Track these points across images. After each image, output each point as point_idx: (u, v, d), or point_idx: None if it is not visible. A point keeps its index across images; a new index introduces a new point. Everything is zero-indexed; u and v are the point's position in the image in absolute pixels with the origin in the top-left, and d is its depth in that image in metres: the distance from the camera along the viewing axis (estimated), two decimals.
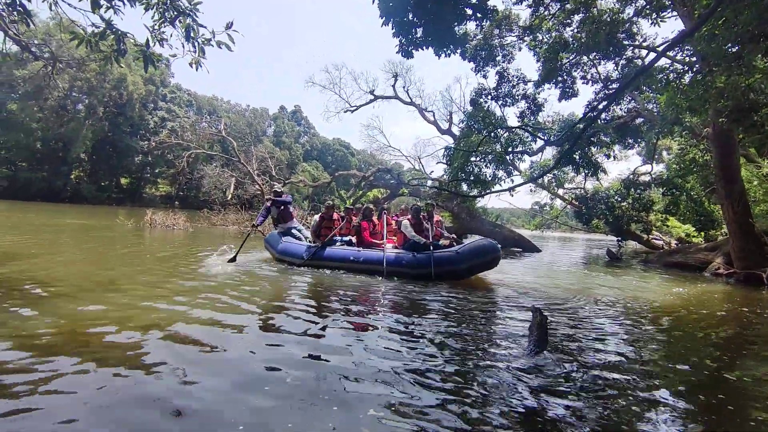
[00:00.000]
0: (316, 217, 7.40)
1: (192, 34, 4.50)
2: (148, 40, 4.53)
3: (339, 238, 7.15)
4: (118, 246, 8.38)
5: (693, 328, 4.29)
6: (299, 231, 7.80)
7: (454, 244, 6.57)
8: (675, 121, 12.88)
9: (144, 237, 10.94)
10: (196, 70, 4.99)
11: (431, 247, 6.20)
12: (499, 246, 6.40)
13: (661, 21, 9.49)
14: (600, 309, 4.95)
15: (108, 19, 4.53)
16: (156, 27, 4.44)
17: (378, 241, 6.87)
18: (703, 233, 15.10)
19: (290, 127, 75.82)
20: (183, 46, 4.85)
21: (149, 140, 36.26)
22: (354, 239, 7.14)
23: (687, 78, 6.90)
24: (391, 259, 6.24)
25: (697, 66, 6.97)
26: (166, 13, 4.45)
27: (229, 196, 19.05)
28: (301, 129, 79.56)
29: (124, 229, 12.78)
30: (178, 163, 21.69)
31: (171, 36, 4.76)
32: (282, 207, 7.81)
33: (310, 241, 7.26)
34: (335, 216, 7.31)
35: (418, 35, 5.53)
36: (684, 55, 7.88)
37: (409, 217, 6.72)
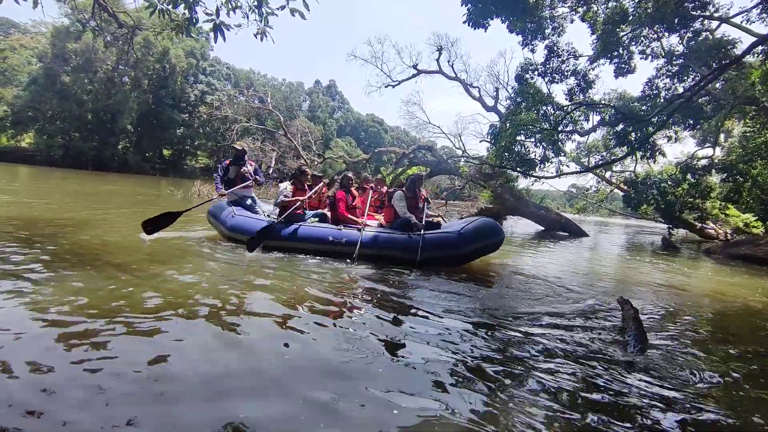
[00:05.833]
0: (287, 184, 5.78)
1: (262, 1, 4.43)
2: (218, 9, 4.50)
3: (308, 210, 5.91)
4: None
5: None
6: (254, 202, 6.43)
7: (441, 224, 5.69)
8: (749, 100, 11.87)
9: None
10: (261, 40, 4.96)
11: (422, 229, 5.20)
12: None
13: None
14: (685, 303, 4.60)
15: None
16: None
17: (356, 218, 5.73)
18: (766, 224, 14.07)
19: (325, 102, 75.73)
20: (247, 16, 4.82)
21: (198, 111, 37.14)
22: (328, 213, 5.95)
23: None
24: (368, 239, 5.20)
25: None
26: None
27: (270, 171, 19.38)
28: (336, 104, 79.27)
29: (174, 198, 13.30)
30: (228, 136, 22.22)
31: (239, 5, 4.73)
32: (243, 171, 6.17)
33: (269, 216, 5.93)
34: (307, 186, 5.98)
35: (488, 3, 5.27)
36: None
37: (404, 189, 5.66)
